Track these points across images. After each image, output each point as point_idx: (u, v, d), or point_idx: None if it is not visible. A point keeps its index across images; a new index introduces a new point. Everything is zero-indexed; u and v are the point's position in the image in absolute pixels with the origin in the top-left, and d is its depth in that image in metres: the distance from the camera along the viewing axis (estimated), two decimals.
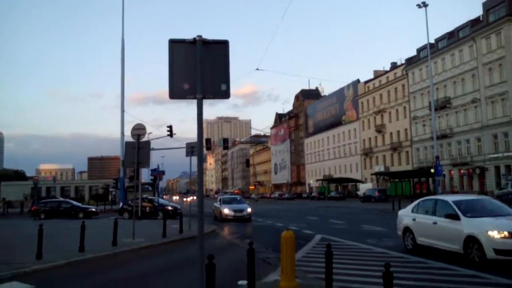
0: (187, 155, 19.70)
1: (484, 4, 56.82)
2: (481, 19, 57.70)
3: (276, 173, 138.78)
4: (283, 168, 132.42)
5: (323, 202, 64.95)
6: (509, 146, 52.34)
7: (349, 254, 11.78)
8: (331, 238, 15.56)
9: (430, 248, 11.35)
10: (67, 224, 24.24)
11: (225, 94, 4.89)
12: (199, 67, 4.78)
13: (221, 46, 4.96)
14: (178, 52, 4.85)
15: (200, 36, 4.84)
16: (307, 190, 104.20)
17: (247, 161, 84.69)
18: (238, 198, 31.02)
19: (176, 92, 4.82)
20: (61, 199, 42.57)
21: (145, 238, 15.85)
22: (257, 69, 73.79)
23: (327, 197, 76.53)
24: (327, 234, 16.90)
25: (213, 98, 4.90)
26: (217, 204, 28.32)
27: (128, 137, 18.71)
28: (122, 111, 42.43)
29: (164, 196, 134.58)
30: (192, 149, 19.19)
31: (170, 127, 40.63)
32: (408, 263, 10.23)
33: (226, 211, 25.89)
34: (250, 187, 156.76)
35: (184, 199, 77.84)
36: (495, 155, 54.23)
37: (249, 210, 26.26)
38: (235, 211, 25.89)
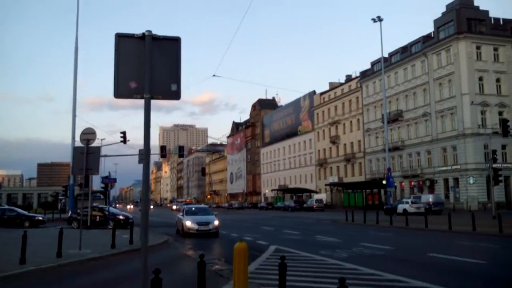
0: (139, 162, 19.13)
1: (435, 22, 59.06)
2: (432, 35, 59.91)
3: (232, 182, 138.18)
4: (239, 177, 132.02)
5: (279, 212, 65.04)
6: (457, 159, 54.28)
7: (303, 265, 11.58)
8: (286, 249, 15.35)
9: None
10: (10, 233, 22.84)
11: (176, 95, 4.52)
12: (148, 65, 4.39)
13: (173, 43, 4.58)
14: (125, 47, 4.43)
15: (150, 31, 4.46)
16: (263, 200, 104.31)
17: (203, 170, 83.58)
18: (205, 208, 26.85)
19: (121, 91, 4.40)
20: (6, 206, 40.39)
21: (92, 249, 15.09)
22: (214, 75, 73.26)
23: (274, 207, 78.25)
24: (281, 245, 16.69)
25: (162, 98, 4.52)
26: (180, 215, 24.56)
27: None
28: (74, 115, 40.78)
29: (118, 205, 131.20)
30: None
31: (124, 133, 39.47)
32: (361, 275, 10.14)
33: (188, 223, 22.19)
34: (207, 196, 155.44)
35: (139, 208, 76.01)
36: (444, 168, 56.12)
37: (216, 223, 22.41)
38: (199, 224, 22.11)
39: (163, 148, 59.59)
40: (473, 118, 52.67)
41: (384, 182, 48.44)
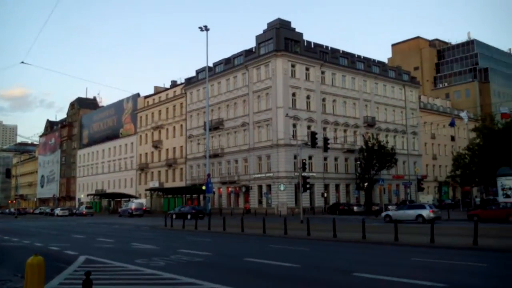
0: None
1: (257, 38, 62.74)
2: (254, 50, 63.48)
3: (42, 186, 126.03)
4: (51, 180, 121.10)
5: (93, 218, 60.96)
6: (270, 167, 58.20)
7: (116, 278, 10.62)
8: (97, 259, 14.08)
9: None
10: None
11: None
12: None
13: None
14: None
15: None
16: (77, 205, 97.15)
17: (8, 171, 73.97)
18: None
19: None
20: None
21: None
22: (22, 62, 64.04)
23: (75, 214, 74.36)
24: (93, 255, 15.28)
25: None
26: None
27: None
28: None
29: None
30: None
31: None
32: (179, 285, 9.70)
33: None
34: (11, 202, 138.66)
35: None
36: (259, 175, 59.67)
37: None
38: None
39: None
40: (286, 130, 57.17)
41: (203, 187, 49.24)
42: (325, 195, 59.71)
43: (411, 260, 13.39)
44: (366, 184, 59.67)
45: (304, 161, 35.46)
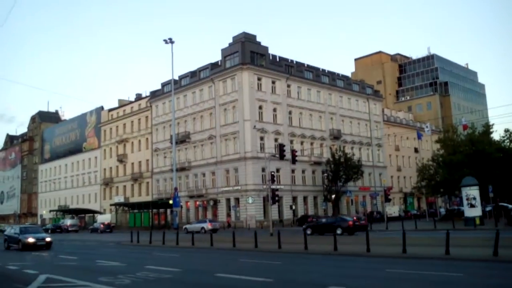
0: None
1: (222, 51, 62.60)
2: (219, 63, 63.24)
3: (2, 202, 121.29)
4: (12, 196, 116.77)
5: (58, 235, 58.69)
6: (238, 180, 57.72)
7: None
8: (59, 279, 13.30)
9: None
10: None
11: None
12: None
13: None
14: None
15: None
16: (39, 222, 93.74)
17: None
18: None
19: None
20: None
21: None
22: None
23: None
24: (54, 273, 14.43)
25: None
26: None
27: None
28: None
29: None
30: None
31: None
32: None
33: None
34: None
35: None
36: (227, 188, 59.07)
37: None
38: None
39: None
40: (253, 143, 56.95)
41: (170, 202, 48.21)
42: (293, 207, 59.60)
43: (385, 272, 13.23)
44: (333, 196, 60.06)
45: (272, 173, 35.27)
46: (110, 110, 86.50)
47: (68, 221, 69.98)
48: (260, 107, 59.45)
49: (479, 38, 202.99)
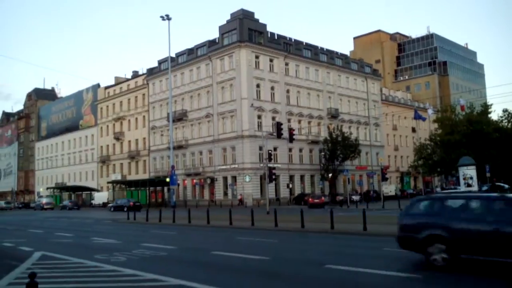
0: None
1: (220, 28, 61.76)
2: (217, 41, 62.44)
3: None
4: (8, 174, 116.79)
5: (54, 212, 58.84)
6: (235, 159, 57.64)
7: (73, 275, 9.88)
8: (54, 256, 13.19)
9: None
10: None
11: None
12: None
13: None
14: None
15: None
16: (36, 199, 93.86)
17: None
18: None
19: None
20: None
21: None
22: None
23: (35, 208, 71.17)
24: (49, 251, 14.34)
25: None
26: None
27: None
28: None
29: None
30: None
31: None
32: (141, 282, 9.07)
33: None
34: None
35: None
36: (224, 167, 59.02)
37: None
38: None
39: None
40: (250, 121, 56.65)
41: (168, 180, 48.23)
42: (290, 186, 59.70)
43: (383, 250, 13.17)
44: (330, 174, 60.07)
45: (269, 152, 35.15)
46: (106, 87, 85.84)
47: (43, 199, 72.83)
48: (258, 85, 58.97)
49: (479, 18, 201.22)
